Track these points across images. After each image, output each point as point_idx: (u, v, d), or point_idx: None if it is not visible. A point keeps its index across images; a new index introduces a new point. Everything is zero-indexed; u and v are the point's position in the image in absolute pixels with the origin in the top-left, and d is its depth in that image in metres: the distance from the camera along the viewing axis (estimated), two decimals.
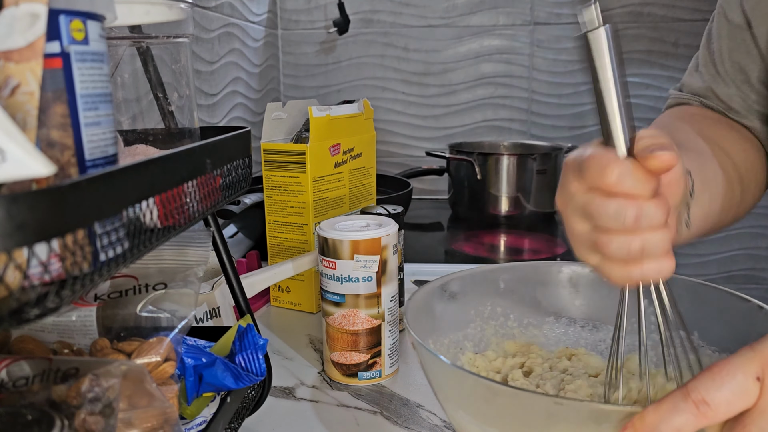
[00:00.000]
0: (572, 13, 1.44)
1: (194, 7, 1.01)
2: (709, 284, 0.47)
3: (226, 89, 1.17)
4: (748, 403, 0.31)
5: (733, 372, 0.31)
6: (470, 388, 0.39)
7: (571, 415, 0.35)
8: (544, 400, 0.36)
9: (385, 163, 1.52)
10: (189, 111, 0.46)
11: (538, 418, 0.36)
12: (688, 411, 0.31)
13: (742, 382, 0.31)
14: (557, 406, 0.35)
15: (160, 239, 0.34)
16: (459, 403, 0.41)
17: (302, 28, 1.51)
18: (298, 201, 0.75)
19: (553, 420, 0.35)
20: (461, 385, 0.39)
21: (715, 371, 0.32)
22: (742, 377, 0.31)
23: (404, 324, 0.43)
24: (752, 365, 0.31)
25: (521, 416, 0.37)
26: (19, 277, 0.22)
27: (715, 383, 0.31)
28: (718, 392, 0.31)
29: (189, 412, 0.42)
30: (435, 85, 1.50)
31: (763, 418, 0.31)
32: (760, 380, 0.31)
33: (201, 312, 0.61)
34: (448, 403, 0.42)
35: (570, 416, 0.35)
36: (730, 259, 1.52)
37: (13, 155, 0.21)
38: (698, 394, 0.31)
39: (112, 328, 0.40)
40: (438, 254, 1.07)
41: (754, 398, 0.31)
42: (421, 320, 0.46)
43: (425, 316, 0.48)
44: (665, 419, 0.31)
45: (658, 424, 0.31)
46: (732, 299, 0.45)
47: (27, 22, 0.26)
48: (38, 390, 0.33)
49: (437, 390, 0.42)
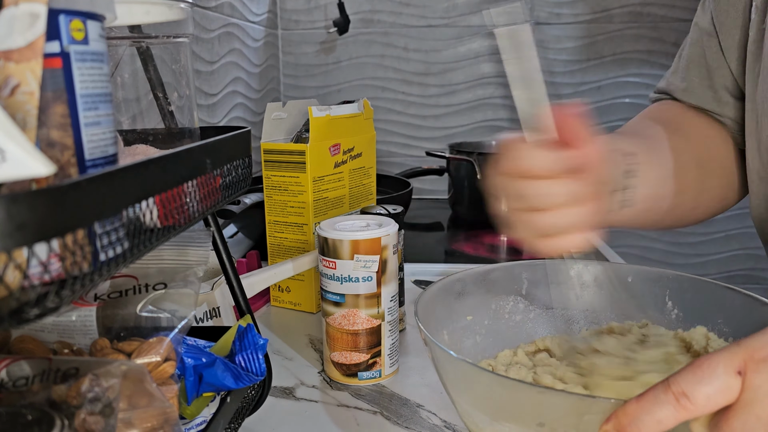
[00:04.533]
0: (572, 13, 1.44)
1: (194, 7, 1.01)
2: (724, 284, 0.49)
3: (226, 89, 1.17)
4: (729, 397, 0.31)
5: (713, 366, 0.31)
6: (453, 366, 0.40)
7: (555, 405, 0.35)
8: (529, 390, 0.37)
9: (385, 163, 1.52)
10: (189, 111, 0.46)
11: (527, 407, 0.37)
12: (668, 403, 0.31)
13: (722, 376, 0.31)
14: (540, 396, 0.36)
15: (160, 239, 0.33)
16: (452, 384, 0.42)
17: (302, 28, 1.51)
18: (298, 201, 0.75)
19: (541, 409, 0.36)
20: (448, 363, 0.41)
21: (696, 365, 0.32)
22: (723, 371, 0.31)
23: (415, 320, 0.44)
24: (734, 360, 0.31)
25: (510, 404, 0.38)
26: (19, 277, 0.22)
27: (695, 377, 0.31)
28: (697, 385, 0.31)
29: (189, 412, 0.42)
30: (435, 85, 1.50)
31: (745, 412, 0.31)
32: (741, 374, 0.31)
33: (201, 312, 0.61)
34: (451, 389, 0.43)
35: (555, 407, 0.35)
36: (730, 259, 1.52)
37: (13, 155, 0.21)
38: (678, 386, 0.31)
39: (112, 328, 0.40)
40: (438, 254, 1.07)
41: (736, 393, 0.31)
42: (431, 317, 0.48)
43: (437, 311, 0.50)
44: (646, 411, 0.32)
45: (640, 415, 0.32)
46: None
47: (27, 21, 0.26)
48: (38, 390, 0.33)
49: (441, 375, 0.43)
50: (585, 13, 1.43)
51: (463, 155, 1.21)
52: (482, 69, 1.48)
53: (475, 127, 1.51)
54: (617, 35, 1.43)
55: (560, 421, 0.35)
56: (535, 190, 0.43)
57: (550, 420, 0.36)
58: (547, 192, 0.43)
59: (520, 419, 0.37)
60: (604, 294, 0.54)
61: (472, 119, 1.51)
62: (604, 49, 1.44)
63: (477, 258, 1.04)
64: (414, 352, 0.66)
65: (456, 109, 1.51)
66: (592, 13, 1.43)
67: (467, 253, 1.07)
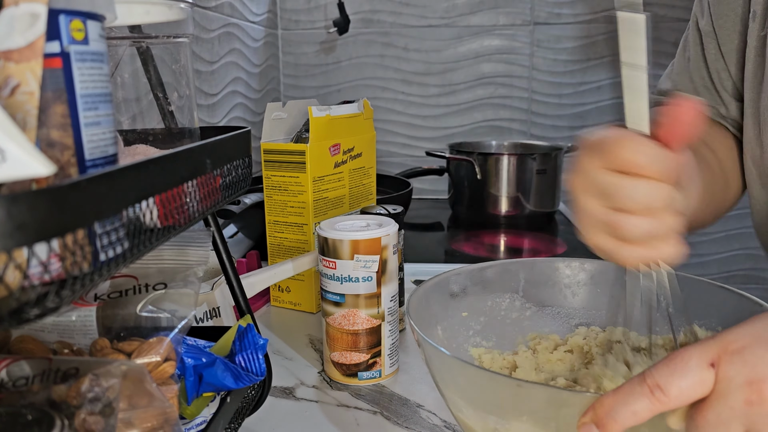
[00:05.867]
0: (572, 13, 1.44)
1: (194, 7, 1.01)
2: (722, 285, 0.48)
3: (226, 89, 1.17)
4: (703, 390, 0.31)
5: (686, 358, 0.32)
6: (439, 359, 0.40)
7: (533, 398, 0.36)
8: (507, 382, 0.37)
9: (385, 163, 1.52)
10: (189, 111, 0.46)
11: (507, 399, 0.37)
12: (643, 395, 0.32)
13: (695, 369, 0.31)
14: (519, 389, 0.36)
15: (160, 239, 0.33)
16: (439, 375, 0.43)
17: (302, 28, 1.51)
18: (298, 201, 0.75)
19: (521, 401, 0.37)
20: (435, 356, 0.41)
21: (670, 358, 0.32)
22: (696, 364, 0.31)
23: (405, 320, 0.44)
24: (708, 352, 0.32)
25: (489, 397, 0.39)
26: (19, 276, 0.22)
27: (668, 368, 0.32)
28: (670, 378, 0.31)
29: (189, 412, 0.42)
30: (435, 85, 1.50)
31: (719, 404, 0.31)
32: (714, 366, 0.31)
33: (201, 312, 0.61)
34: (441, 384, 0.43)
35: (533, 399, 0.36)
36: (730, 259, 1.52)
37: (13, 155, 0.21)
38: (653, 379, 0.32)
39: (112, 328, 0.40)
40: (438, 254, 1.07)
41: (710, 385, 0.31)
42: (424, 315, 0.47)
43: (430, 309, 0.49)
44: (622, 403, 0.32)
45: (616, 407, 0.32)
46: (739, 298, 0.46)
47: (27, 21, 0.26)
48: (38, 390, 0.33)
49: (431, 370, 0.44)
50: (585, 13, 1.43)
51: (463, 155, 1.21)
52: (482, 69, 1.48)
53: (475, 127, 1.51)
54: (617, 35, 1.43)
55: (539, 413, 0.36)
56: (636, 189, 0.38)
57: (529, 412, 0.37)
58: (649, 192, 0.38)
59: (503, 411, 0.38)
60: (600, 293, 0.54)
61: (472, 119, 1.51)
62: (604, 49, 1.44)
63: (477, 258, 1.04)
64: (414, 352, 0.66)
65: (456, 109, 1.51)
66: (592, 13, 1.43)
67: (467, 253, 1.07)
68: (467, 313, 0.53)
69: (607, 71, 1.45)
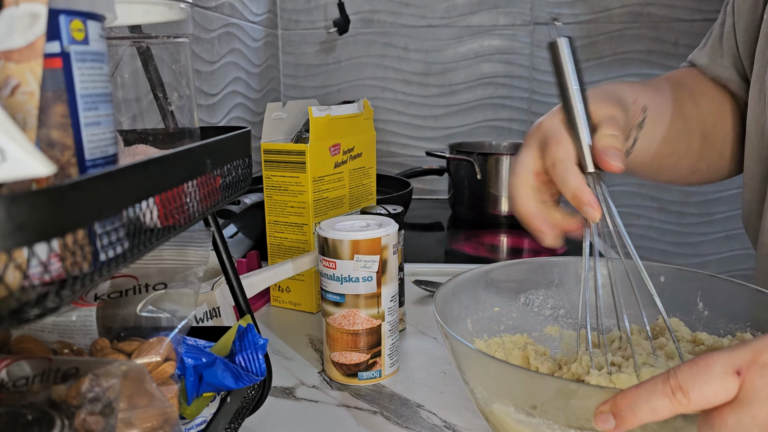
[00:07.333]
0: (572, 13, 1.44)
1: (194, 7, 1.01)
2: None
3: (226, 89, 1.17)
4: (725, 396, 0.31)
5: (711, 364, 0.32)
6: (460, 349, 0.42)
7: (544, 389, 0.37)
8: (520, 373, 0.39)
9: (385, 163, 1.52)
10: (189, 111, 0.46)
11: (520, 389, 0.39)
12: (665, 395, 0.32)
13: (719, 375, 0.31)
14: (530, 379, 0.38)
15: (160, 239, 0.33)
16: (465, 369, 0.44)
17: (302, 28, 1.51)
18: (298, 201, 0.75)
19: (532, 392, 0.38)
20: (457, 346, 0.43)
21: (696, 361, 0.32)
22: (720, 370, 0.31)
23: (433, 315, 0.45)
24: (734, 360, 0.32)
25: (506, 385, 0.40)
26: (19, 277, 0.22)
27: (691, 372, 0.32)
28: (692, 381, 0.32)
29: (189, 412, 0.42)
30: (435, 85, 1.50)
31: (742, 411, 0.31)
32: (740, 374, 0.31)
33: (201, 312, 0.61)
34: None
35: (544, 390, 0.38)
36: (730, 259, 1.52)
37: (13, 155, 0.21)
38: (676, 380, 0.32)
39: (112, 328, 0.40)
40: (438, 254, 1.07)
41: (733, 393, 0.31)
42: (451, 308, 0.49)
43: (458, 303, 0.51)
44: (644, 398, 0.32)
45: (637, 401, 0.33)
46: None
47: (27, 22, 0.26)
48: (38, 390, 0.33)
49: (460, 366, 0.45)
50: (585, 13, 1.43)
51: (463, 155, 1.21)
52: (482, 69, 1.48)
53: (475, 127, 1.51)
54: (617, 35, 1.43)
55: (549, 404, 0.37)
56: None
57: (540, 402, 0.37)
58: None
59: (516, 400, 0.39)
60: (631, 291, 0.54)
61: (472, 119, 1.51)
62: (604, 49, 1.44)
63: (477, 258, 1.04)
64: (414, 352, 0.66)
65: (456, 109, 1.51)
66: (592, 13, 1.43)
67: (467, 253, 1.07)
68: (499, 308, 0.54)
69: (607, 71, 1.45)
